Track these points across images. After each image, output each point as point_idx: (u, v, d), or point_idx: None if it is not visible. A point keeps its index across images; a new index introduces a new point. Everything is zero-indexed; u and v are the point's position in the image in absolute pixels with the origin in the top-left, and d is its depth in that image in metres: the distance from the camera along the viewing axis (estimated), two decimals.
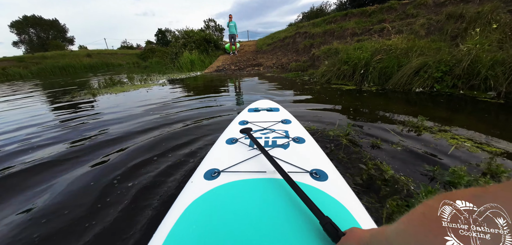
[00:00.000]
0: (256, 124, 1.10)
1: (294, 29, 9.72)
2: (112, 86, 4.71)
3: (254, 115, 1.24)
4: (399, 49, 3.15)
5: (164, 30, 36.77)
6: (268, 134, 0.96)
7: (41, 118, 2.63)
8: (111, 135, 1.85)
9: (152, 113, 2.47)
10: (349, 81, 3.54)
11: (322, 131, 1.64)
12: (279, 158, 0.76)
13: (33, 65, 14.72)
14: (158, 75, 6.94)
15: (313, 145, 0.89)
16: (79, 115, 2.63)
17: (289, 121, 1.12)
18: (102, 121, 2.31)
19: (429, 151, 1.25)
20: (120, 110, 2.68)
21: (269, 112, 1.26)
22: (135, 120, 2.26)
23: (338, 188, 0.63)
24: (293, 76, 5.01)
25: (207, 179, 0.69)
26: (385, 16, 6.24)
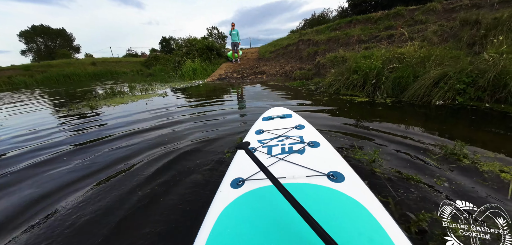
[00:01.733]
0: (271, 132, 1.14)
1: (297, 37, 9.64)
2: (112, 96, 4.59)
3: (269, 123, 1.28)
4: (414, 58, 2.94)
5: (168, 38, 37.40)
6: (284, 141, 1.00)
7: (28, 135, 2.47)
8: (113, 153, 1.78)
9: (155, 128, 2.29)
10: (359, 91, 3.33)
11: (340, 152, 1.42)
12: (297, 164, 0.81)
13: (39, 73, 14.95)
14: (160, 84, 6.84)
15: (328, 148, 0.92)
16: (75, 128, 2.47)
17: (302, 126, 1.16)
18: (99, 138, 2.13)
19: (484, 191, 1.01)
20: (118, 124, 2.51)
21: (283, 119, 1.30)
22: (135, 138, 2.12)
23: (356, 188, 0.65)
24: (298, 85, 4.83)
25: (234, 187, 0.75)
26: (392, 23, 6.08)
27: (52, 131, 2.59)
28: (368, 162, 1.29)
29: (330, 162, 0.80)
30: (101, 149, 1.91)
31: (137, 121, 2.66)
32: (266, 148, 0.96)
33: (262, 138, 1.09)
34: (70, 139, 2.25)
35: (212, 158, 1.56)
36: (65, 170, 1.59)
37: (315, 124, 2.11)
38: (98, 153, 1.84)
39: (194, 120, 2.55)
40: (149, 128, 2.35)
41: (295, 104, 3.07)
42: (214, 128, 2.22)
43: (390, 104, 2.61)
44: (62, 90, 8.61)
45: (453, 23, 4.02)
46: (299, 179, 0.72)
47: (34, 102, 5.51)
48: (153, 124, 2.48)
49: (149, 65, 24.25)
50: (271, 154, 0.91)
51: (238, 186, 0.75)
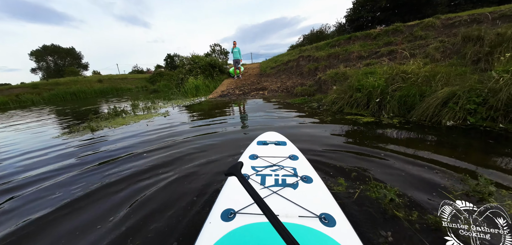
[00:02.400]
0: (265, 159, 1.13)
1: (297, 53, 9.83)
2: (114, 117, 4.59)
3: (263, 148, 1.25)
4: (420, 77, 2.88)
5: (172, 55, 38.79)
6: (278, 172, 0.99)
7: (27, 159, 2.42)
8: (112, 176, 1.77)
9: (153, 151, 2.22)
10: (363, 110, 3.25)
11: (353, 186, 1.31)
12: (290, 200, 0.80)
13: (46, 91, 15.38)
14: (163, 102, 6.89)
15: (320, 185, 0.91)
16: (74, 153, 2.41)
17: (296, 157, 1.14)
18: (98, 164, 2.06)
19: None
20: (117, 148, 2.45)
21: (277, 146, 1.28)
22: (135, 161, 2.08)
23: (346, 235, 0.65)
24: (300, 101, 4.78)
25: (224, 220, 0.72)
26: (392, 39, 6.15)
27: (51, 155, 2.54)
28: (387, 201, 1.17)
29: (322, 202, 0.80)
30: (95, 175, 1.90)
31: (135, 145, 2.60)
32: (260, 176, 0.96)
33: (255, 165, 1.07)
34: (65, 165, 2.19)
35: (207, 183, 1.56)
36: (55, 197, 1.53)
37: (320, 148, 2.05)
38: (92, 178, 1.85)
39: (193, 142, 2.47)
40: (145, 152, 2.28)
41: (297, 123, 2.99)
42: (213, 151, 2.15)
43: (398, 126, 2.50)
44: (68, 109, 8.74)
45: (455, 39, 4.02)
46: (292, 219, 0.71)
47: (38, 122, 5.55)
48: (150, 148, 2.41)
49: (154, 81, 24.91)
50: (265, 184, 0.90)
51: (229, 219, 0.72)
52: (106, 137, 3.09)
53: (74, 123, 4.68)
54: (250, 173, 0.98)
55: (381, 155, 1.83)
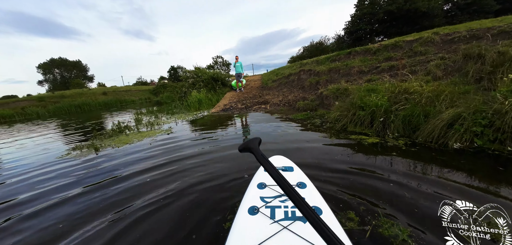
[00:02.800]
0: (273, 188, 1.11)
1: (298, 66, 9.99)
2: (117, 134, 4.63)
3: None
4: (423, 98, 2.89)
5: (176, 67, 39.70)
6: (287, 202, 0.98)
7: (29, 178, 2.41)
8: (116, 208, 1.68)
9: (156, 173, 2.20)
10: (367, 129, 3.23)
11: (364, 221, 1.27)
12: (301, 236, 0.78)
13: (51, 104, 15.69)
14: (166, 116, 6.96)
15: (331, 218, 0.89)
16: (78, 174, 2.40)
17: (304, 185, 1.13)
18: (101, 187, 2.05)
19: None
20: (120, 170, 2.44)
21: (284, 173, 1.27)
22: (138, 183, 2.08)
23: None
24: (303, 117, 4.79)
25: None
26: (392, 54, 6.25)
27: (54, 177, 2.54)
28: (397, 242, 1.12)
29: None
30: (97, 198, 1.91)
31: (138, 167, 2.59)
32: (269, 209, 0.95)
33: (264, 195, 1.07)
34: (67, 187, 2.17)
35: (211, 208, 1.56)
36: (55, 222, 1.53)
37: (327, 171, 2.02)
38: (95, 199, 1.88)
39: (196, 164, 2.46)
40: (148, 174, 2.27)
41: (302, 143, 2.98)
42: (217, 173, 2.13)
43: (404, 148, 2.47)
44: (73, 123, 8.85)
45: (456, 56, 4.06)
46: None
47: (43, 138, 5.61)
48: (153, 171, 2.40)
49: (157, 93, 25.36)
50: (275, 218, 0.89)
51: None
52: (109, 158, 3.10)
53: (79, 140, 4.72)
54: (259, 205, 0.98)
55: (389, 182, 1.79)
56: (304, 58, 35.07)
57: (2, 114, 13.86)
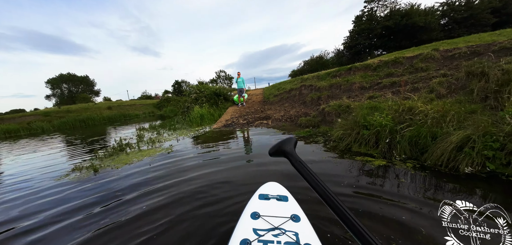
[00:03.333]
0: (266, 219, 1.08)
1: (299, 81, 10.10)
2: (118, 152, 4.60)
3: (264, 205, 1.23)
4: (429, 118, 2.82)
5: (180, 81, 40.69)
6: (280, 237, 0.96)
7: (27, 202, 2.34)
8: None
9: (152, 206, 2.12)
10: (373, 149, 3.13)
11: None
12: None
13: (57, 119, 15.97)
14: (168, 132, 6.96)
15: None
16: (76, 197, 2.33)
17: (298, 218, 1.10)
18: (98, 212, 1.96)
19: None
20: (119, 193, 2.37)
21: (279, 202, 1.24)
22: (135, 208, 1.96)
23: None
24: (305, 134, 4.72)
25: None
26: (392, 70, 6.28)
27: (50, 200, 2.47)
28: None
29: None
30: (93, 224, 1.84)
31: (136, 190, 2.52)
32: (262, 243, 0.92)
33: (257, 227, 1.04)
34: (63, 212, 2.10)
35: None
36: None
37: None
38: (90, 227, 1.80)
39: (193, 192, 2.37)
40: (145, 199, 2.18)
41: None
42: (216, 197, 2.03)
43: (413, 172, 2.36)
44: (76, 139, 8.90)
45: (459, 73, 4.04)
46: None
47: (45, 156, 5.61)
48: (149, 193, 2.32)
49: (161, 107, 25.78)
50: None
51: None
52: (108, 180, 3.03)
53: (80, 157, 4.69)
54: (252, 238, 0.95)
55: (399, 209, 1.68)
56: (305, 72, 35.69)
57: (8, 129, 14.11)
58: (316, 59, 37.30)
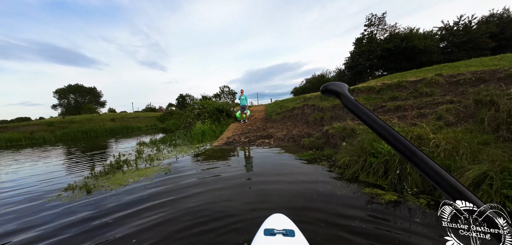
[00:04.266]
0: None
1: (301, 100, 10.12)
2: (115, 170, 4.46)
3: (270, 241, 1.15)
4: (441, 150, 2.67)
5: (184, 95, 41.46)
6: None
7: None
8: None
9: (146, 229, 1.93)
10: (381, 179, 2.95)
11: None
12: None
13: (60, 129, 16.08)
14: (168, 149, 6.84)
15: None
16: (63, 223, 2.16)
17: None
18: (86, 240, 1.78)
19: None
20: (109, 219, 2.19)
21: (285, 238, 1.17)
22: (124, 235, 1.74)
23: None
24: (308, 157, 4.55)
25: None
26: (396, 94, 6.24)
27: (34, 225, 2.30)
28: None
29: None
30: None
31: (125, 223, 2.34)
32: None
33: None
34: (52, 232, 1.92)
35: None
36: None
37: (337, 236, 1.73)
38: None
39: (187, 225, 2.19)
40: (133, 227, 2.00)
41: (308, 193, 2.70)
42: (215, 230, 1.84)
43: (428, 210, 2.17)
44: (77, 150, 8.82)
45: (466, 101, 3.94)
46: None
47: (38, 170, 5.48)
48: (141, 225, 2.14)
49: (164, 120, 25.97)
50: None
51: None
52: (100, 203, 2.87)
53: (75, 175, 4.55)
54: None
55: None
56: (307, 90, 36.21)
57: (10, 137, 14.18)
58: (318, 78, 38.09)
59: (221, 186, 3.20)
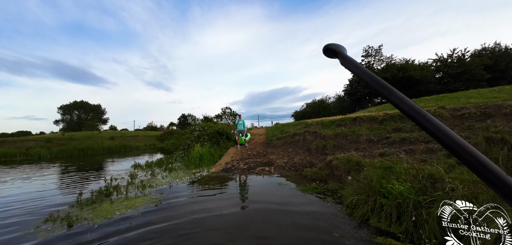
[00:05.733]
0: None
1: (303, 127, 10.02)
2: (103, 197, 4.15)
3: None
4: (460, 197, 2.42)
5: (186, 115, 41.85)
6: None
7: None
8: None
9: None
10: (395, 224, 2.64)
11: None
12: None
13: (57, 146, 15.83)
14: (163, 174, 6.53)
15: None
16: None
17: None
18: None
19: None
20: None
21: None
22: None
23: None
24: (312, 191, 4.23)
25: None
26: (400, 125, 6.12)
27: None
28: None
29: None
30: None
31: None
32: None
33: None
34: None
35: None
36: None
37: None
38: None
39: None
40: None
41: (313, 241, 2.38)
42: None
43: None
44: (72, 170, 8.48)
45: (476, 138, 3.78)
46: None
47: (23, 194, 5.14)
48: None
49: (163, 139, 25.75)
50: None
51: None
52: (79, 240, 2.55)
53: (59, 202, 4.22)
54: None
55: None
56: (307, 114, 36.46)
57: (5, 152, 13.89)
58: (318, 103, 38.80)
59: (215, 226, 2.88)
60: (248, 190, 4.58)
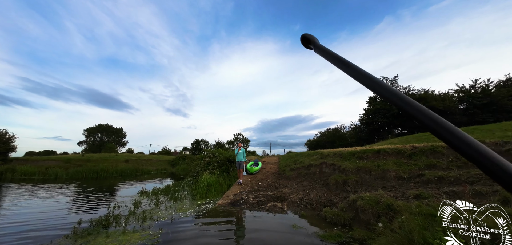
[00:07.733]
0: None
1: (319, 157, 9.33)
2: (100, 229, 3.84)
3: None
4: None
5: (200, 140, 42.59)
6: None
7: None
8: None
9: None
10: None
11: None
12: None
13: (75, 167, 16.48)
14: (167, 203, 6.16)
15: None
16: None
17: None
18: None
19: None
20: None
21: None
22: None
23: None
24: (334, 239, 3.53)
25: None
26: (433, 161, 5.33)
27: None
28: None
29: None
30: None
31: None
32: None
33: None
34: None
35: None
36: None
37: None
38: None
39: None
40: None
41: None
42: None
43: None
44: (82, 193, 8.48)
45: None
46: None
47: (28, 217, 5.03)
48: None
49: (174, 164, 25.86)
50: None
51: None
52: None
53: (57, 227, 3.97)
54: None
55: None
56: (321, 143, 34.96)
57: (26, 171, 14.67)
58: (332, 132, 37.36)
59: None
60: (257, 234, 3.96)
